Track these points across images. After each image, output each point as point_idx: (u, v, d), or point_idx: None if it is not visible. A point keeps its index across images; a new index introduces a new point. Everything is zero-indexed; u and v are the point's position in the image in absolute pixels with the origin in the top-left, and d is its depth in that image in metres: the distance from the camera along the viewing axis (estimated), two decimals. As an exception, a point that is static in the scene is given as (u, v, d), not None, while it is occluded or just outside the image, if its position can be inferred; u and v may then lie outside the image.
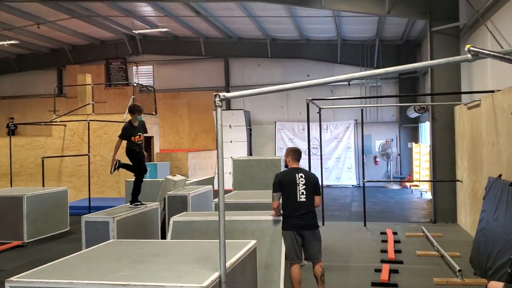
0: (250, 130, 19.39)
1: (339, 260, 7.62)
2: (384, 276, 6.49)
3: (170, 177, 9.70)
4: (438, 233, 9.38)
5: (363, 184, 10.79)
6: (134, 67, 20.92)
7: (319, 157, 18.08)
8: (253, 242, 4.44)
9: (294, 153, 5.75)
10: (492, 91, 7.73)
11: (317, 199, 5.60)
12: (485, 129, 8.10)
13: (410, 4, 10.96)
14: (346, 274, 6.88)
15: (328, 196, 15.77)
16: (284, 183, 5.48)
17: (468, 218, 9.52)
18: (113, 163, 7.38)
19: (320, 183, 11.23)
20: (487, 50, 3.07)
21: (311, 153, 17.38)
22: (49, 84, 21.12)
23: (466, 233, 9.38)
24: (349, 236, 9.49)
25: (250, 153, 19.04)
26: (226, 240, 4.71)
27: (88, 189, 13.09)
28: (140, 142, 7.48)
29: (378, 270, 6.83)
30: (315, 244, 5.50)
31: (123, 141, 7.44)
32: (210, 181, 12.30)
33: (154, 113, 16.49)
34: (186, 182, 10.97)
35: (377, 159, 18.51)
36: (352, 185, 18.20)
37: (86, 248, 6.04)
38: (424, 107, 14.27)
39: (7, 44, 17.84)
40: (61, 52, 20.89)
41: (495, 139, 7.46)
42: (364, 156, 18.56)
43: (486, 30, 8.73)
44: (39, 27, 16.78)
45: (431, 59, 10.58)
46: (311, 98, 8.69)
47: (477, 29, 9.72)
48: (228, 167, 11.85)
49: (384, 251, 7.97)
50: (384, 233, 9.40)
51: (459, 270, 6.47)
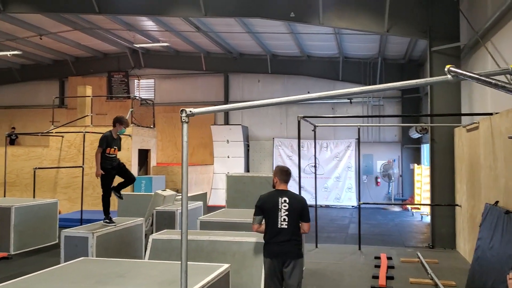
0: (248, 146, 19.19)
1: (328, 285, 7.33)
2: (373, 304, 6.20)
3: (159, 192, 9.49)
4: (435, 259, 9.05)
5: (359, 206, 10.50)
6: (136, 80, 20.88)
7: (319, 176, 17.92)
8: (225, 266, 4.21)
9: (282, 173, 5.11)
10: (491, 114, 7.49)
11: (305, 226, 4.97)
12: (483, 153, 7.85)
13: (410, 23, 10.80)
14: (333, 300, 6.59)
15: (326, 216, 15.48)
16: (265, 207, 4.94)
17: (466, 244, 9.20)
18: (99, 173, 7.13)
19: (316, 203, 11.04)
20: (468, 72, 2.86)
21: (309, 172, 17.16)
22: (50, 95, 20.97)
23: (464, 260, 9.05)
24: (342, 259, 9.18)
25: (247, 169, 18.81)
26: (197, 263, 4.49)
27: (81, 201, 12.89)
28: (113, 155, 7.22)
29: (367, 297, 6.54)
30: (294, 276, 4.84)
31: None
32: (202, 196, 12.07)
33: (152, 126, 16.35)
34: (177, 197, 10.77)
35: (379, 180, 18.20)
36: (352, 206, 17.85)
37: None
38: (425, 128, 14.02)
39: (10, 54, 17.86)
40: (64, 63, 20.92)
41: (492, 163, 7.20)
42: (365, 177, 18.40)
43: (487, 51, 8.52)
44: (41, 38, 16.82)
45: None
46: (302, 115, 8.47)
47: (478, 50, 9.52)
48: (223, 182, 11.67)
49: (376, 277, 7.67)
50: (378, 258, 9.09)
51: (452, 301, 6.17)
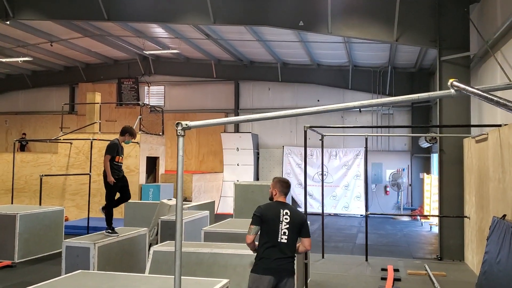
0: (258, 153, 19.13)
1: (332, 298, 7.22)
2: (376, 319, 6.08)
3: (165, 201, 9.47)
4: (443, 271, 8.89)
5: (366, 216, 10.37)
6: (146, 87, 20.97)
7: (328, 184, 17.79)
8: (224, 281, 4.15)
9: (282, 185, 4.88)
10: (500, 125, 7.36)
11: (306, 241, 4.72)
12: (491, 164, 7.70)
13: (419, 32, 10.70)
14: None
15: (334, 225, 15.35)
16: (265, 217, 4.62)
17: (475, 257, 9.03)
18: (112, 179, 7.16)
19: (323, 212, 10.92)
20: (470, 87, 2.78)
21: (318, 180, 17.01)
22: (61, 101, 21.16)
23: (472, 273, 8.87)
24: (348, 271, 9.06)
25: (257, 177, 18.75)
26: (195, 278, 4.44)
27: (88, 208, 12.93)
28: (121, 164, 7.28)
29: (371, 312, 6.42)
30: None
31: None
32: (210, 205, 12.03)
33: (161, 133, 16.37)
34: (184, 206, 10.73)
35: (388, 189, 18.02)
36: (361, 215, 17.64)
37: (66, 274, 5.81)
38: (435, 138, 13.85)
39: (21, 60, 18.05)
40: (75, 70, 21.11)
41: (501, 175, 7.06)
42: (374, 186, 18.22)
43: (496, 61, 8.39)
44: (52, 45, 16.97)
45: (440, 90, 10.26)
46: (309, 125, 8.40)
47: (488, 59, 9.39)
48: (233, 191, 11.63)
49: (381, 290, 7.55)
50: (385, 270, 8.96)
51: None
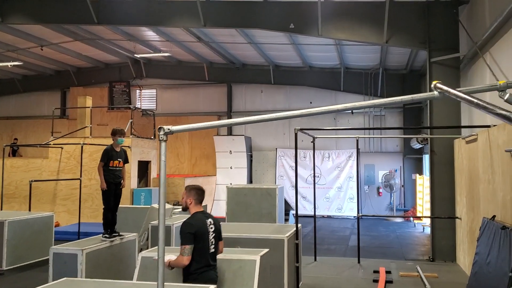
0: (251, 156, 19.09)
1: (324, 301, 7.19)
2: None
3: (155, 205, 9.39)
4: (435, 273, 8.89)
5: (358, 218, 10.37)
6: (138, 91, 20.89)
7: (321, 186, 17.78)
8: (211, 287, 4.09)
9: (198, 192, 4.68)
10: (489, 126, 7.37)
11: (221, 245, 4.88)
12: (481, 165, 7.71)
13: (409, 33, 10.72)
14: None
15: (327, 227, 15.34)
16: (198, 233, 4.49)
17: (466, 258, 9.03)
18: (104, 185, 7.12)
19: (315, 214, 10.90)
20: (452, 89, 2.76)
21: (311, 182, 16.97)
22: (52, 106, 21.08)
23: (464, 274, 8.87)
24: (340, 273, 9.03)
25: (250, 180, 18.70)
26: (182, 284, 4.39)
27: (79, 213, 12.81)
28: (118, 168, 7.20)
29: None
30: None
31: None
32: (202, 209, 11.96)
33: (152, 137, 16.30)
34: (175, 210, 10.68)
35: (380, 190, 18.03)
36: (354, 217, 17.61)
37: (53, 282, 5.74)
38: (426, 139, 13.88)
39: (11, 65, 17.91)
40: (66, 74, 20.99)
41: (491, 176, 7.06)
42: (367, 187, 18.24)
43: (485, 62, 8.42)
44: (42, 49, 16.87)
45: (430, 91, 10.26)
46: (299, 128, 8.38)
47: (477, 60, 9.42)
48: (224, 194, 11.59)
49: (373, 293, 7.53)
50: (377, 272, 8.94)
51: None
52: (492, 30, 7.86)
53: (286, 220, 15.42)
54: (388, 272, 8.93)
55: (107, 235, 7.01)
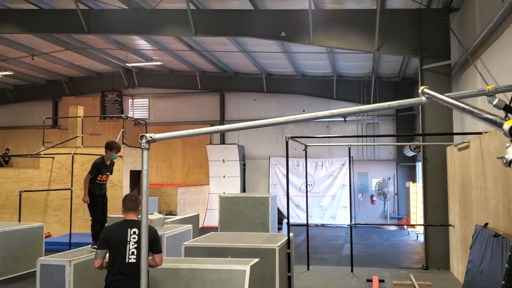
0: (244, 165, 19.01)
1: (316, 311, 7.08)
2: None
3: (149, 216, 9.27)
4: (428, 281, 8.81)
5: (350, 227, 10.30)
6: (130, 100, 20.80)
7: (314, 195, 17.71)
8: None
9: (126, 201, 4.68)
10: (480, 133, 7.34)
11: (157, 258, 4.63)
12: (474, 172, 7.68)
13: (400, 41, 10.73)
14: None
15: (320, 236, 15.25)
16: (111, 240, 4.52)
17: (460, 266, 8.97)
18: (86, 199, 7.08)
19: (308, 222, 10.80)
20: (440, 94, 2.71)
21: (304, 190, 16.91)
22: (44, 115, 20.92)
23: (458, 283, 8.80)
24: (333, 283, 8.94)
25: (243, 189, 18.61)
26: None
27: (70, 224, 12.66)
28: (104, 182, 7.16)
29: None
30: None
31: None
32: (194, 219, 11.86)
33: (145, 146, 16.16)
34: (167, 220, 10.56)
35: (374, 198, 17.98)
36: (348, 225, 17.52)
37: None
38: (419, 146, 13.87)
39: (1, 75, 17.80)
40: (57, 83, 20.89)
41: (483, 183, 7.02)
42: (360, 195, 18.18)
43: (476, 69, 8.42)
44: (33, 59, 16.76)
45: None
46: (290, 135, 8.32)
47: (468, 67, 9.43)
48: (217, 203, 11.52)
49: (366, 302, 7.43)
50: (370, 281, 8.85)
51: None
52: (482, 37, 7.87)
53: (280, 229, 15.31)
54: (381, 281, 8.85)
55: (95, 246, 6.88)
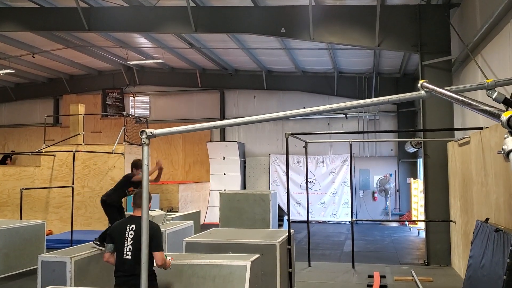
0: (245, 162, 19.01)
1: (317, 307, 7.10)
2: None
3: (151, 213, 9.29)
4: (429, 277, 8.82)
5: (352, 223, 10.30)
6: (131, 98, 20.81)
7: (315, 192, 17.71)
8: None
9: (138, 198, 4.73)
10: (481, 128, 7.34)
11: (155, 256, 4.45)
12: (474, 168, 7.67)
13: (400, 37, 10.71)
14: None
15: (322, 233, 15.26)
16: (113, 235, 4.63)
17: (461, 261, 8.97)
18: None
19: (308, 219, 10.80)
20: (439, 88, 2.71)
21: (305, 188, 16.93)
22: (45, 113, 20.97)
23: (459, 278, 8.80)
24: (335, 279, 8.95)
25: (244, 186, 18.61)
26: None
27: (71, 221, 12.68)
28: (129, 195, 7.35)
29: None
30: None
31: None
32: (195, 215, 11.89)
33: (146, 144, 16.17)
34: (169, 216, 10.58)
35: (375, 195, 17.98)
36: (349, 222, 17.55)
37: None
38: (420, 142, 13.86)
39: (2, 73, 17.80)
40: (58, 81, 20.89)
41: (484, 179, 7.02)
42: (362, 192, 18.17)
43: (477, 64, 8.41)
44: (33, 57, 16.78)
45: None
46: (290, 132, 8.32)
47: (469, 63, 9.41)
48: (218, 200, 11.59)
49: (367, 298, 7.44)
50: (371, 276, 8.86)
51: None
52: (483, 32, 7.85)
53: (280, 226, 15.34)
54: (382, 276, 8.86)
55: (98, 242, 6.91)
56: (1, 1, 12.74)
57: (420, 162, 16.81)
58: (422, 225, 15.06)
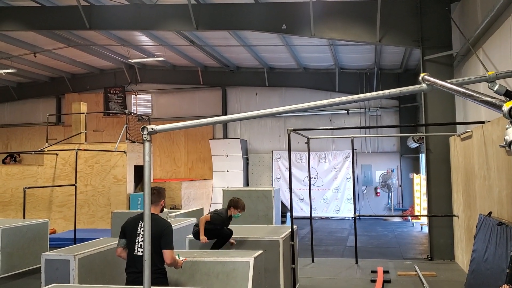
0: (247, 159, 19.02)
1: (321, 302, 7.11)
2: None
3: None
4: (433, 271, 8.82)
5: (355, 219, 10.31)
6: (133, 96, 20.82)
7: (318, 188, 17.72)
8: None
9: (152, 195, 4.51)
10: (483, 122, 7.33)
11: (165, 254, 4.43)
12: (477, 162, 7.66)
13: (402, 32, 10.68)
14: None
15: (325, 229, 15.28)
16: (126, 231, 4.68)
17: (464, 256, 8.96)
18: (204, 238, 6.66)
19: (311, 215, 10.81)
20: (440, 81, 2.71)
21: (307, 184, 16.94)
22: (47, 113, 21.01)
23: (462, 272, 8.80)
24: (338, 274, 8.96)
25: (246, 183, 18.63)
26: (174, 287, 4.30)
27: (74, 220, 12.71)
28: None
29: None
30: None
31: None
32: (198, 213, 11.90)
33: (148, 142, 16.17)
34: (172, 214, 10.62)
35: (378, 190, 17.97)
36: (352, 217, 17.57)
37: (45, 288, 5.65)
38: (422, 137, 13.84)
39: (4, 72, 17.82)
40: (60, 80, 20.91)
41: (486, 173, 7.01)
42: (364, 187, 18.17)
43: (478, 58, 8.38)
44: (35, 56, 16.80)
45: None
46: (292, 128, 8.32)
47: (470, 57, 9.39)
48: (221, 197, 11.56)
49: (371, 293, 7.45)
50: (375, 272, 8.87)
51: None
52: (484, 26, 7.82)
53: (284, 222, 15.34)
54: (386, 271, 8.86)
55: None
56: (2, 0, 12.76)
57: (423, 157, 16.79)
58: (425, 220, 15.06)
